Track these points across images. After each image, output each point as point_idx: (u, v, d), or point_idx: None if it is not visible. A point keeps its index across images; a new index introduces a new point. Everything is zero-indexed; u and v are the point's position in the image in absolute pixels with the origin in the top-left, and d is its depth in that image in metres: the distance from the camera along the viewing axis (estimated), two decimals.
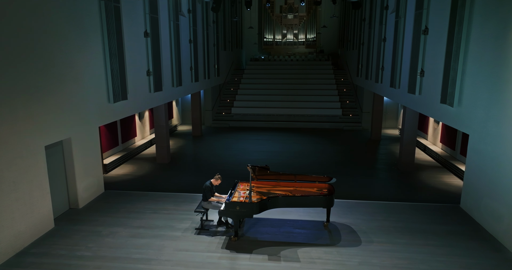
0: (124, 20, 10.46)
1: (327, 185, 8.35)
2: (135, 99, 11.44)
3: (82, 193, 9.21)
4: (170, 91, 14.34)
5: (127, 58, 10.75)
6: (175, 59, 14.36)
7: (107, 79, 9.90)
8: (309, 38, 29.95)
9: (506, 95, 7.39)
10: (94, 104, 9.44)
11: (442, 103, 9.87)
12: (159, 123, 14.36)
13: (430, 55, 10.95)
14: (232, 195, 7.85)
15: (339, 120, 22.10)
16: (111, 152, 14.32)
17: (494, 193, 7.83)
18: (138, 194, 10.14)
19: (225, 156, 15.73)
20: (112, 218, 8.53)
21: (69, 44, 8.40)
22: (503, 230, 7.47)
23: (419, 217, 8.73)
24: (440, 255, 7.03)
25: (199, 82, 18.08)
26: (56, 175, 8.58)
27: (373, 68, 17.72)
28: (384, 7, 15.78)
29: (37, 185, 7.60)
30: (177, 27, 14.53)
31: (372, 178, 13.03)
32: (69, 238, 7.64)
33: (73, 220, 8.46)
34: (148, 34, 11.99)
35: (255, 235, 7.78)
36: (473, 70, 8.60)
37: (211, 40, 19.66)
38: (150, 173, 13.33)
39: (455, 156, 14.38)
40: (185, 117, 23.43)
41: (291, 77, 25.46)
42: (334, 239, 7.62)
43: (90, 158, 9.53)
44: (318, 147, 17.36)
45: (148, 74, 12.25)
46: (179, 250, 7.17)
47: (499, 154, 7.61)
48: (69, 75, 8.43)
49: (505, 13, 7.44)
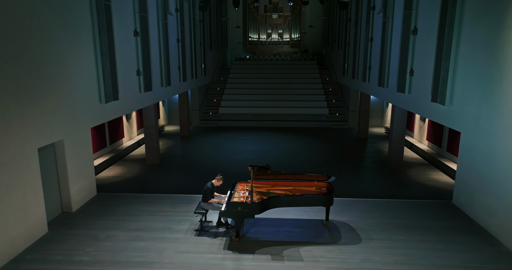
0: (114, 19, 10.24)
1: (325, 184, 8.41)
2: (126, 99, 11.22)
3: (75, 196, 8.97)
4: (160, 91, 14.14)
5: (118, 58, 10.53)
6: (164, 58, 14.17)
7: (99, 79, 9.67)
8: (294, 37, 30.10)
9: (497, 93, 7.61)
10: (86, 104, 9.21)
11: (433, 102, 10.10)
12: (149, 124, 14.14)
13: (420, 54, 11.17)
14: (232, 195, 7.80)
15: (326, 119, 22.31)
16: (99, 154, 14.00)
17: (487, 188, 8.06)
18: (132, 196, 9.94)
19: (216, 156, 15.63)
20: (108, 221, 8.34)
21: (61, 43, 8.16)
22: (496, 225, 7.70)
23: (414, 213, 8.90)
24: (439, 251, 7.19)
25: (187, 82, 17.90)
26: (48, 178, 8.32)
27: (360, 67, 17.96)
28: (371, 8, 16.01)
29: (31, 189, 7.35)
30: (166, 26, 14.34)
31: (363, 176, 13.21)
32: (65, 243, 7.42)
33: (67, 224, 8.23)
34: (138, 33, 11.78)
35: (256, 235, 7.75)
36: (464, 69, 8.83)
37: (197, 39, 19.49)
38: (141, 174, 13.11)
39: (442, 153, 14.74)
40: (171, 117, 23.16)
41: (277, 77, 25.52)
42: (335, 237, 7.68)
43: (82, 160, 9.28)
44: (307, 146, 17.47)
45: (138, 74, 12.03)
46: (181, 252, 7.07)
47: (492, 151, 7.84)
48: (61, 75, 8.19)
49: (496, 13, 7.67)
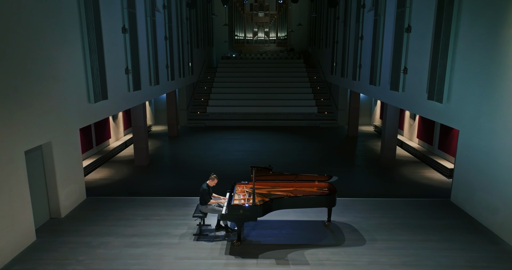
0: (102, 15, 9.77)
1: (326, 184, 8.22)
2: (115, 98, 10.77)
3: (64, 201, 8.50)
4: (148, 90, 13.69)
5: (107, 55, 10.07)
6: (152, 56, 13.72)
7: (87, 78, 9.21)
8: (280, 36, 29.93)
9: (498, 91, 7.58)
10: (74, 104, 8.74)
11: (429, 100, 10.05)
12: (137, 124, 13.68)
13: (414, 52, 11.12)
14: (233, 198, 7.51)
15: (315, 118, 22.22)
16: (85, 155, 13.45)
17: (488, 186, 8.03)
18: (124, 199, 9.52)
19: (206, 157, 15.28)
20: (100, 227, 7.92)
21: (48, 39, 7.69)
22: (499, 223, 7.67)
23: (414, 212, 8.82)
24: (443, 250, 7.09)
25: (175, 81, 17.45)
26: (35, 182, 7.83)
27: (350, 66, 17.90)
28: (361, 6, 15.94)
29: (17, 195, 6.87)
30: (154, 23, 13.90)
31: (357, 175, 13.13)
32: (56, 251, 6.98)
33: (57, 231, 7.77)
34: (126, 30, 11.33)
35: (258, 239, 7.49)
36: (462, 67, 8.78)
37: (185, 37, 19.05)
38: (130, 176, 12.65)
39: (433, 151, 14.81)
40: (158, 117, 22.63)
41: (264, 76, 25.28)
42: (339, 239, 7.50)
43: (71, 162, 8.82)
44: (298, 145, 17.30)
45: (127, 72, 11.58)
46: (181, 259, 6.74)
47: (493, 149, 7.80)
48: (49, 73, 7.71)
49: (495, 10, 7.62)
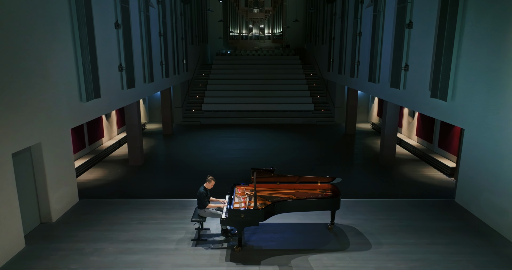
0: (94, 9, 9.35)
1: (329, 186, 7.93)
2: (108, 97, 10.36)
3: (55, 204, 8.11)
4: (142, 87, 13.28)
5: (99, 52, 9.65)
6: (146, 53, 13.30)
7: (79, 75, 8.80)
8: (276, 32, 29.53)
9: (507, 89, 7.32)
10: (65, 103, 8.33)
11: (432, 97, 9.79)
12: (132, 122, 13.27)
13: (416, 49, 10.84)
14: (233, 201, 7.19)
15: (312, 115, 21.94)
16: (77, 155, 13.04)
17: (496, 187, 7.78)
18: (118, 202, 9.15)
19: (202, 156, 14.93)
20: (94, 232, 7.55)
21: (37, 34, 7.27)
22: (508, 225, 7.43)
23: (419, 214, 8.56)
24: (452, 254, 6.83)
25: (170, 78, 17.03)
26: (24, 186, 7.43)
27: (347, 62, 17.60)
28: (359, 1, 15.63)
29: (5, 200, 6.48)
30: (148, 18, 13.46)
31: (356, 174, 12.87)
32: (46, 259, 6.61)
33: (48, 236, 7.38)
34: (119, 25, 10.90)
35: (259, 244, 7.18)
36: (467, 64, 8.51)
37: (179, 33, 18.61)
38: (124, 176, 12.27)
39: (433, 149, 14.61)
40: (152, 115, 22.19)
41: (260, 72, 24.92)
42: (343, 243, 7.21)
43: (62, 164, 8.42)
44: (295, 143, 17.01)
45: (120, 69, 11.16)
46: (179, 266, 6.41)
47: (502, 148, 7.55)
48: (38, 70, 7.30)
49: (502, 8, 7.35)
